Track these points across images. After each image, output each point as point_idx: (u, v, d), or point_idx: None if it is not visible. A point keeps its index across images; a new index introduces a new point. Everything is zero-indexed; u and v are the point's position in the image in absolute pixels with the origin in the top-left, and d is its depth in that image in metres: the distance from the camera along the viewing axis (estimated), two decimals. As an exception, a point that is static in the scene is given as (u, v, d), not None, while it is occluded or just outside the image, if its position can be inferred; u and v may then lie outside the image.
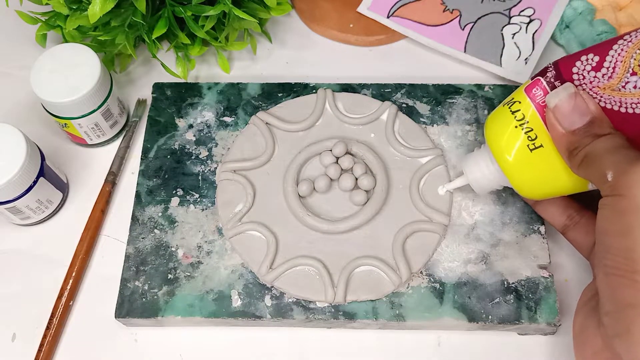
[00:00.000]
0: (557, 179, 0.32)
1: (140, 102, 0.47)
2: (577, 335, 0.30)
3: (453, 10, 0.49)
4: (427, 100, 0.44)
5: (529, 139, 0.32)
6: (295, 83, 0.45)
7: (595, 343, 0.28)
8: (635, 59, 0.29)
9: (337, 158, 0.41)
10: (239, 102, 0.44)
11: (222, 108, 0.44)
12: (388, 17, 0.49)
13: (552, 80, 0.32)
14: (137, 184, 0.42)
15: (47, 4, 0.43)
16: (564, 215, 0.37)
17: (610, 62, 0.30)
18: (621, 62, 0.30)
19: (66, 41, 0.46)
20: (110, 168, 0.44)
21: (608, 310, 0.27)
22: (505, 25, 0.48)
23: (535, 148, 0.32)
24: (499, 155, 0.34)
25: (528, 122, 0.32)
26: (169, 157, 0.43)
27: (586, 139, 0.29)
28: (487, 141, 0.35)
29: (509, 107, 0.33)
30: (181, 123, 0.44)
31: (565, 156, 0.30)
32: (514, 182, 0.34)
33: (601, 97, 0.30)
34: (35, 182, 0.39)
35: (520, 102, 0.33)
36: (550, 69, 0.32)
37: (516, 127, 0.33)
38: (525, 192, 0.34)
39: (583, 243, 0.36)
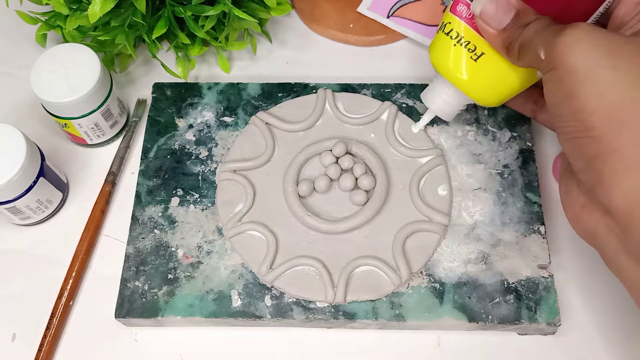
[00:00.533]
0: (507, 77, 0.34)
1: (140, 102, 0.47)
2: (564, 198, 0.33)
3: (453, 10, 0.49)
4: (427, 100, 0.44)
5: (470, 50, 0.34)
6: (295, 83, 0.45)
7: (579, 200, 0.31)
8: None
9: (337, 158, 0.41)
10: (239, 102, 0.44)
11: (222, 108, 0.44)
12: (388, 17, 0.49)
13: None
14: (137, 184, 0.42)
15: (47, 4, 0.43)
16: (530, 101, 0.40)
17: None
18: None
19: (66, 41, 0.45)
20: (110, 168, 0.44)
21: (579, 168, 0.29)
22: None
23: (479, 57, 0.34)
24: (451, 76, 0.35)
25: (463, 37, 0.34)
26: (169, 157, 0.43)
27: (517, 31, 0.31)
28: (437, 69, 0.36)
29: (443, 31, 0.35)
30: (181, 123, 0.44)
31: (504, 54, 0.32)
32: (473, 95, 0.36)
33: None
34: (35, 182, 0.39)
35: (450, 23, 0.35)
36: None
37: (455, 45, 0.35)
38: (486, 101, 0.36)
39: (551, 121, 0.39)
